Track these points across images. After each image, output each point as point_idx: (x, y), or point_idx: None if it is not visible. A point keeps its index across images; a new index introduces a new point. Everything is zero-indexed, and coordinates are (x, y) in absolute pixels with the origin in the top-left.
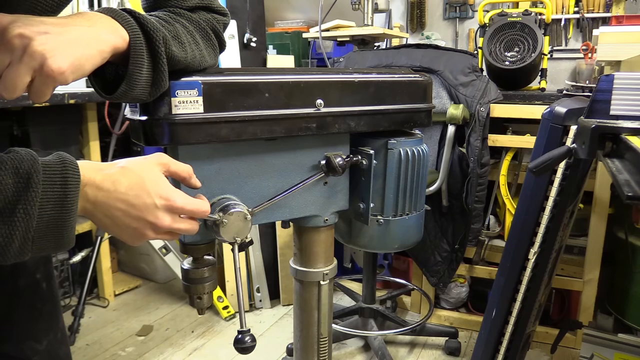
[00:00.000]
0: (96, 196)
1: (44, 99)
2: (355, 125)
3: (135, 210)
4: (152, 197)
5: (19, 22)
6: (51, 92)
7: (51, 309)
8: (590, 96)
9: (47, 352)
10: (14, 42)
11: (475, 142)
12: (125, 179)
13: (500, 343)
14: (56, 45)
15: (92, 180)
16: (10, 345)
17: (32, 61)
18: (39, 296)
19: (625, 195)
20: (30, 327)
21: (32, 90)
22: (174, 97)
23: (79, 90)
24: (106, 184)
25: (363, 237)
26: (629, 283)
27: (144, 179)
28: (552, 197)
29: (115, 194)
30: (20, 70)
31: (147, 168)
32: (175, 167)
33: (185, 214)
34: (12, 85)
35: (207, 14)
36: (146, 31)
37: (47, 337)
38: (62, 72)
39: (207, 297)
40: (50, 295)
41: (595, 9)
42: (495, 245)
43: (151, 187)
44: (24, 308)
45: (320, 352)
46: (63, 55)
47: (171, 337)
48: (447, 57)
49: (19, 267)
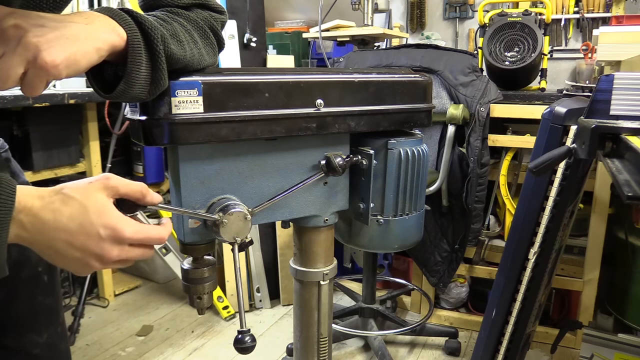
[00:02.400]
0: (34, 225)
1: (36, 92)
2: (355, 125)
3: (78, 241)
4: (95, 227)
5: (16, 14)
6: (44, 87)
7: (52, 303)
8: (590, 96)
9: (47, 346)
10: (8, 33)
11: (475, 142)
12: (66, 208)
13: (500, 343)
14: (51, 38)
15: (29, 208)
16: (11, 337)
17: (25, 52)
18: (41, 289)
19: (625, 195)
20: (31, 320)
21: (24, 82)
22: (174, 97)
23: (79, 90)
24: (45, 212)
25: (363, 237)
26: (629, 283)
27: (87, 208)
28: (552, 197)
29: (55, 223)
30: (14, 61)
31: (91, 195)
32: (125, 189)
33: (135, 242)
34: (5, 76)
35: (204, 12)
36: (144, 29)
37: (48, 331)
38: (56, 66)
39: (207, 297)
40: (52, 288)
41: (595, 9)
42: (495, 245)
43: (94, 217)
44: (25, 300)
45: (320, 352)
46: (58, 49)
47: (171, 337)
48: (447, 57)
49: (22, 258)
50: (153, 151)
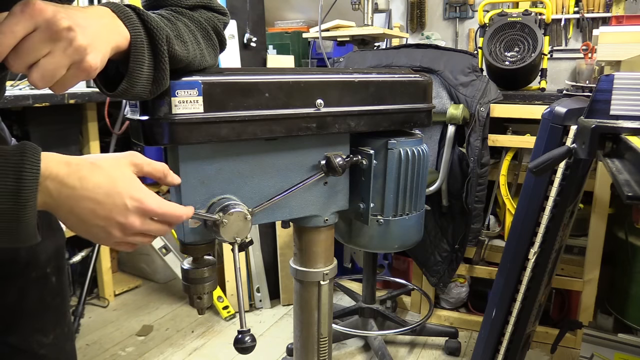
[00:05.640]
0: (60, 191)
1: (65, 90)
2: (355, 125)
3: (103, 210)
4: (123, 198)
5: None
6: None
7: (60, 304)
8: (590, 96)
9: (54, 346)
10: (63, 35)
11: (475, 142)
12: (94, 176)
13: (500, 343)
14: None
15: (55, 174)
16: (18, 337)
17: (75, 55)
18: (49, 289)
19: (625, 195)
20: (38, 320)
21: (60, 81)
22: (174, 96)
23: (79, 90)
24: (72, 179)
25: (363, 237)
26: (629, 283)
27: (115, 178)
28: (552, 197)
29: (82, 191)
30: (63, 62)
31: (119, 167)
32: (148, 168)
33: (158, 217)
34: (51, 76)
35: (207, 12)
36: (149, 29)
37: (54, 331)
38: (96, 69)
39: (207, 297)
40: (60, 289)
41: (595, 9)
42: (495, 245)
43: (123, 188)
44: (33, 300)
45: (320, 352)
46: (97, 53)
47: (171, 337)
48: (447, 57)
49: (31, 260)
50: (153, 151)
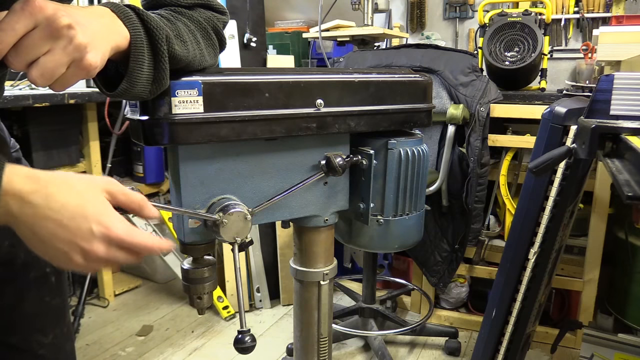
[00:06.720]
0: (21, 208)
1: (65, 89)
2: (355, 125)
3: (65, 233)
4: (89, 222)
5: (62, 10)
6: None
7: (59, 304)
8: (590, 96)
9: (53, 346)
10: (63, 32)
11: (475, 142)
12: (62, 195)
13: (500, 343)
14: (93, 39)
15: (17, 190)
16: (17, 337)
17: (75, 53)
18: (48, 289)
19: (625, 195)
20: (37, 320)
21: (60, 79)
22: (174, 96)
23: (79, 90)
24: (36, 196)
25: (363, 237)
26: (629, 283)
27: (86, 200)
28: (552, 197)
29: (46, 210)
30: (63, 60)
31: (92, 190)
32: (123, 198)
33: (126, 245)
34: (50, 74)
35: (207, 12)
36: (148, 29)
37: (54, 331)
38: (96, 67)
39: (207, 297)
40: (59, 289)
41: (595, 9)
42: (495, 245)
43: (90, 211)
44: (32, 301)
45: (320, 352)
46: (97, 51)
47: (171, 337)
48: (447, 57)
49: (30, 260)
50: (153, 151)
